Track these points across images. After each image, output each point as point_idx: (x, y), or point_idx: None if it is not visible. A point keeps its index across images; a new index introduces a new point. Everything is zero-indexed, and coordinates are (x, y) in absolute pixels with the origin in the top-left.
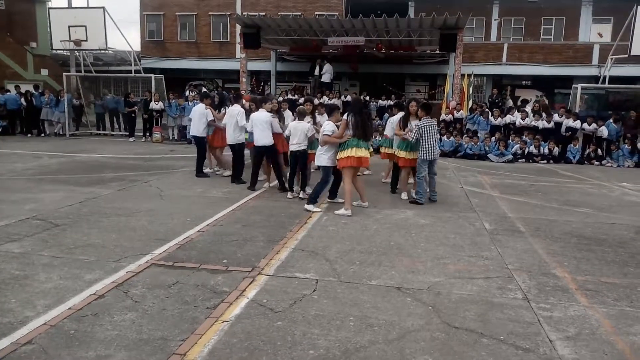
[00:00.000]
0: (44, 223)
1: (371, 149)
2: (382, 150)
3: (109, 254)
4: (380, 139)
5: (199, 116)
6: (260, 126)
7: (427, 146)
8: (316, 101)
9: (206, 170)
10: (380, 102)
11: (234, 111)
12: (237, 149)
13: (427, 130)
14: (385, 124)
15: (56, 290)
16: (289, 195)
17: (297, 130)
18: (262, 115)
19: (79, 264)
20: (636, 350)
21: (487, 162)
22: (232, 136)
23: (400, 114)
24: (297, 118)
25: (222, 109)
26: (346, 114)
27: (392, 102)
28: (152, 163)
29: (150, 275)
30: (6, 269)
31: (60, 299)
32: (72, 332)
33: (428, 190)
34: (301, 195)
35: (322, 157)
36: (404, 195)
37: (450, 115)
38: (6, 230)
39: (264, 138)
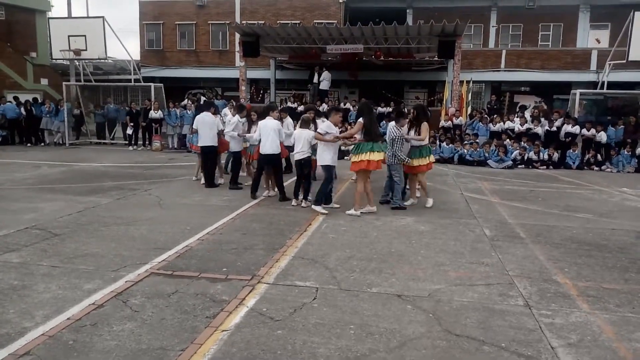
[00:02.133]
0: (43, 233)
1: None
2: None
3: (108, 263)
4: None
5: (209, 125)
6: (268, 134)
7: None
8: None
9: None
10: (380, 109)
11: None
12: (235, 155)
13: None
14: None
15: (55, 301)
16: (293, 202)
17: (301, 138)
18: (270, 123)
19: (78, 273)
20: (639, 357)
21: (487, 168)
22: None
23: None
24: (300, 126)
25: (218, 116)
26: (361, 117)
27: (391, 109)
28: (151, 172)
29: (149, 285)
30: (5, 279)
31: (59, 309)
32: (71, 343)
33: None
34: (303, 205)
35: (324, 157)
36: (429, 203)
37: (450, 122)
38: (5, 240)
39: (271, 146)
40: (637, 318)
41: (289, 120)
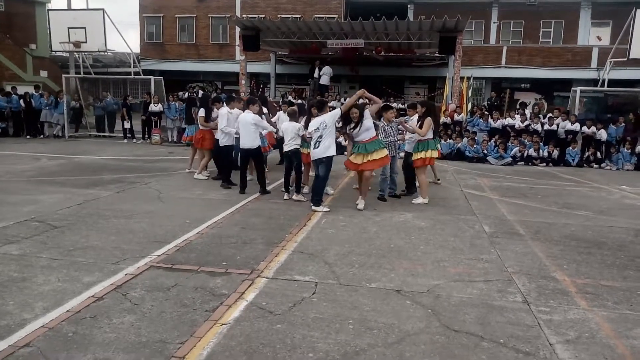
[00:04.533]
0: (42, 225)
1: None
2: None
3: (107, 256)
4: None
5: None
6: (246, 128)
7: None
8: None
9: (195, 173)
10: None
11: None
12: (223, 151)
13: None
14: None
15: (54, 293)
16: (285, 196)
17: (288, 130)
18: (247, 117)
19: (77, 266)
20: (636, 354)
21: (487, 165)
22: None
23: (415, 117)
24: (289, 119)
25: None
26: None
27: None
28: (151, 165)
29: (149, 278)
30: (4, 271)
31: (58, 302)
32: (71, 335)
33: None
34: (295, 198)
35: (332, 149)
36: (418, 200)
37: (449, 118)
38: (4, 232)
39: (249, 141)
40: (635, 315)
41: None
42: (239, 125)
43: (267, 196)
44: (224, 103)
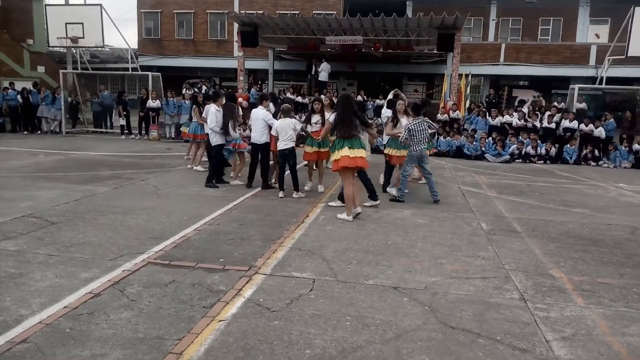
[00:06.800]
0: (39, 221)
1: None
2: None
3: (105, 252)
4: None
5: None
6: (257, 124)
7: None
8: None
9: (193, 167)
10: (378, 101)
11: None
12: (213, 150)
13: (416, 129)
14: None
15: (52, 289)
16: (280, 194)
17: (283, 128)
18: (258, 113)
19: (74, 262)
20: (632, 351)
21: (484, 162)
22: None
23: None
24: (282, 116)
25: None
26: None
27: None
28: (148, 161)
29: (146, 274)
30: (1, 267)
31: (55, 298)
32: (68, 331)
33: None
34: (294, 195)
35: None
36: (393, 191)
37: (446, 115)
38: (1, 228)
39: (257, 136)
40: (631, 312)
41: None
42: (251, 120)
43: (265, 193)
44: (213, 100)
